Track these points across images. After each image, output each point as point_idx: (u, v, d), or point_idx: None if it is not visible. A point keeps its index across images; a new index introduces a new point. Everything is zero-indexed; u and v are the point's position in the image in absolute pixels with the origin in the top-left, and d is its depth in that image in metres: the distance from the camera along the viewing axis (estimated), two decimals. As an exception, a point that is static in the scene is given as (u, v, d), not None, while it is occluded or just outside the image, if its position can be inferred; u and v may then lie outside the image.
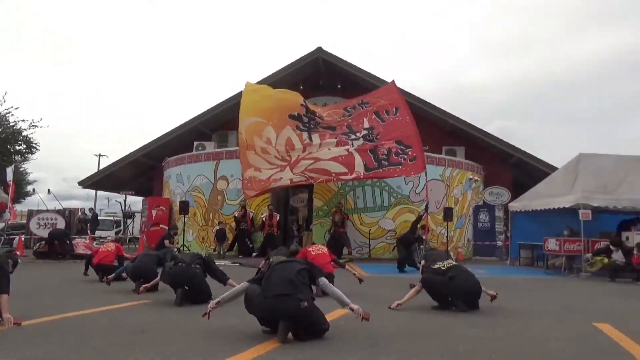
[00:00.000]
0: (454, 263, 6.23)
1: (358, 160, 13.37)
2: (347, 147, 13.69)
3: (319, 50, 19.69)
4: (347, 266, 7.75)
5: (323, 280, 4.39)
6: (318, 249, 7.46)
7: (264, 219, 15.37)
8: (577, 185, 11.58)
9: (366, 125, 14.46)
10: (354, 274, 7.19)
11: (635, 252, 10.18)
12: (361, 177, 13.54)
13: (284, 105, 15.07)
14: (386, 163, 13.35)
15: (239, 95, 20.07)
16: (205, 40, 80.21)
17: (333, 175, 13.38)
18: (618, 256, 10.47)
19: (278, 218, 15.52)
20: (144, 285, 6.84)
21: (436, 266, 6.12)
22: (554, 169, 15.93)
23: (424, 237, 12.53)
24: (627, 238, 11.40)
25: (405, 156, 13.47)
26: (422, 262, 7.61)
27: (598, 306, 6.70)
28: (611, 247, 10.66)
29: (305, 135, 14.35)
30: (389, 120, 14.46)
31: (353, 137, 14.08)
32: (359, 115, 14.83)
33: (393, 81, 16.04)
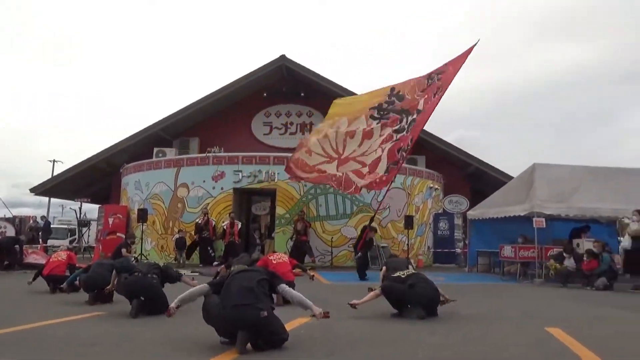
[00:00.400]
0: (413, 271, 6.32)
1: (383, 162, 11.59)
2: (383, 145, 11.69)
3: (283, 58, 19.71)
4: (308, 270, 7.77)
5: (283, 286, 4.36)
6: (279, 258, 7.41)
7: (225, 227, 15.16)
8: (532, 194, 11.97)
9: (420, 106, 11.56)
10: (313, 276, 7.28)
11: (585, 258, 10.60)
12: (372, 185, 11.86)
13: (371, 102, 12.67)
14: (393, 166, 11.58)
15: (200, 102, 19.94)
16: (168, 45, 79.05)
17: (358, 187, 11.87)
18: (570, 263, 10.87)
19: (240, 226, 15.36)
20: (106, 288, 6.62)
21: (396, 274, 6.19)
22: (510, 178, 16.44)
23: (372, 237, 12.59)
24: (578, 245, 11.86)
25: (405, 154, 11.60)
26: (382, 269, 7.69)
27: (552, 311, 6.91)
28: (564, 253, 11.07)
29: (374, 124, 12.15)
30: (431, 104, 11.41)
31: (402, 124, 11.70)
32: (429, 91, 11.62)
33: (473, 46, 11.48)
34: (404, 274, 6.13)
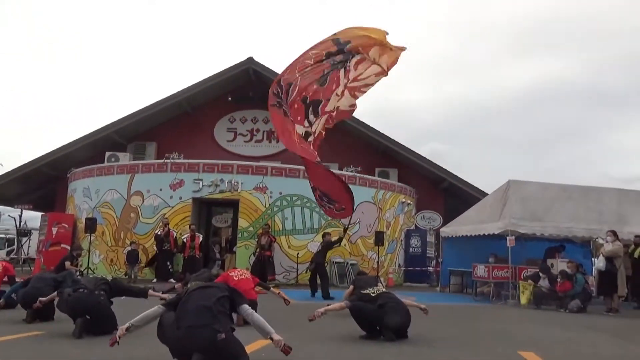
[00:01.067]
0: (383, 290, 6.35)
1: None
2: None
3: (250, 60, 19.70)
4: (272, 288, 7.68)
5: (244, 307, 4.29)
6: (241, 274, 7.32)
7: (185, 240, 14.91)
8: (506, 211, 12.25)
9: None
10: (279, 294, 7.18)
11: (559, 279, 10.90)
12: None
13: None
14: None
15: (159, 104, 19.67)
16: (125, 41, 77.68)
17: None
18: (544, 283, 11.16)
19: (201, 239, 15.12)
20: (40, 299, 6.36)
21: (366, 291, 6.20)
22: (484, 194, 16.80)
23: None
24: (552, 265, 12.18)
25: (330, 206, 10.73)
26: (350, 287, 7.72)
27: (526, 334, 7.07)
28: (540, 274, 11.35)
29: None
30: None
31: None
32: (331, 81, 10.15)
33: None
34: (373, 292, 6.15)
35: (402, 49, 10.28)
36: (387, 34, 10.06)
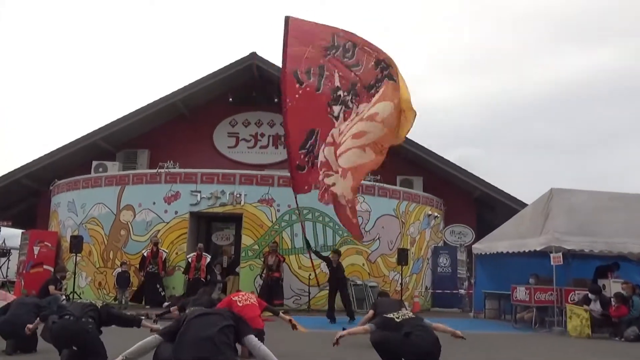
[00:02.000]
0: (410, 315, 6.28)
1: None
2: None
3: (253, 55, 19.79)
4: (281, 313, 7.65)
5: (251, 339, 4.27)
6: (246, 299, 7.30)
7: (190, 259, 14.89)
8: (549, 225, 12.12)
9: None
10: (290, 321, 7.15)
11: (613, 303, 10.72)
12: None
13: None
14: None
15: (151, 107, 19.82)
16: (115, 39, 78.56)
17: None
18: (596, 307, 10.98)
19: (208, 260, 15.05)
20: (28, 326, 6.38)
21: (389, 316, 6.11)
22: (523, 205, 16.65)
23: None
24: (604, 286, 12.01)
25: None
26: (370, 312, 7.67)
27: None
28: (589, 295, 11.17)
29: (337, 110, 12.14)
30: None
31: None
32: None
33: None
34: (398, 317, 6.07)
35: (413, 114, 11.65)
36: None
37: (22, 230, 19.53)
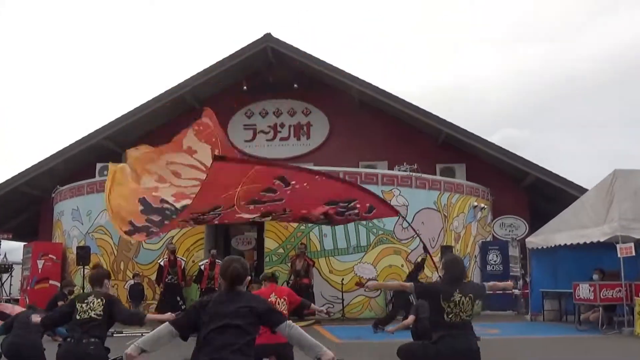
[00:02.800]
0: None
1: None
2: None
3: (268, 37, 19.82)
4: (312, 305, 7.64)
5: (282, 328, 4.22)
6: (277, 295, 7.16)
7: (202, 267, 15.02)
8: (613, 211, 11.89)
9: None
10: (320, 309, 7.28)
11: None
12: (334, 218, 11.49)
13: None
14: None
15: (159, 100, 20.03)
16: (116, 30, 79.53)
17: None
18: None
19: None
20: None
21: (443, 305, 5.93)
22: (582, 190, 16.38)
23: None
24: (681, 280, 11.73)
25: (356, 210, 10.91)
26: (411, 317, 7.64)
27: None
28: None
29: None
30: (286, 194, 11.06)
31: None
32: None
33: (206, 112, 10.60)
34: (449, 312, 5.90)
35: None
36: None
37: (24, 243, 19.90)
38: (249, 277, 4.18)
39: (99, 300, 5.45)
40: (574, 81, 62.55)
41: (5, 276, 21.08)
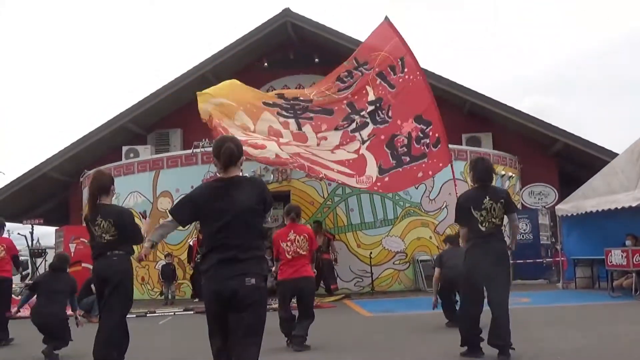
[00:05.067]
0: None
1: (371, 162, 13.03)
2: (356, 146, 13.29)
3: (287, 12, 19.72)
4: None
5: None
6: (295, 249, 6.97)
7: (192, 243, 15.12)
8: (645, 175, 11.74)
9: (371, 96, 13.95)
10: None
11: None
12: (373, 187, 13.07)
13: (253, 95, 14.71)
14: (407, 158, 12.98)
15: (180, 80, 20.12)
16: (133, 16, 79.89)
17: (335, 171, 12.79)
18: None
19: None
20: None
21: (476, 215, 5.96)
22: (613, 155, 16.15)
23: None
24: None
25: (427, 140, 13.13)
26: (437, 270, 8.18)
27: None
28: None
29: (292, 123, 13.89)
30: (398, 82, 13.82)
31: (358, 121, 13.68)
32: (361, 85, 14.26)
33: (386, 18, 14.58)
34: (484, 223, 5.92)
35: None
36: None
37: (56, 228, 20.32)
38: (244, 158, 4.08)
39: (108, 222, 5.60)
40: (604, 43, 61.10)
41: (39, 260, 21.59)
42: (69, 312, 7.46)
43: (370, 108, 13.74)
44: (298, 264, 6.95)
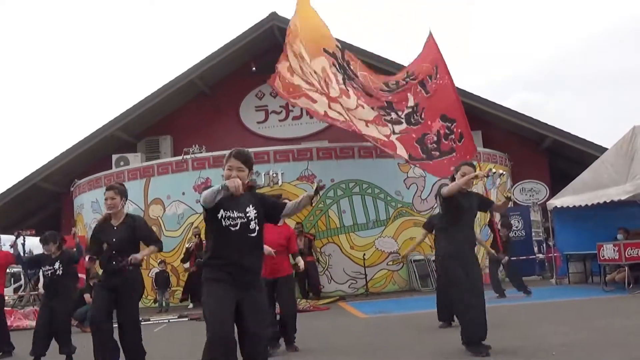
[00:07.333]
0: None
1: (400, 150, 14.20)
2: (387, 132, 14.38)
3: (273, 16, 19.72)
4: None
5: (286, 207, 4.47)
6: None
7: (191, 248, 14.86)
8: (635, 168, 11.76)
9: (411, 102, 15.27)
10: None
11: None
12: (409, 162, 14.54)
13: (322, 34, 15.89)
14: (437, 153, 14.20)
15: (169, 87, 20.05)
16: (123, 21, 79.52)
17: (378, 141, 14.08)
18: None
19: None
20: None
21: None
22: (602, 150, 16.22)
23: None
24: None
25: (453, 135, 14.33)
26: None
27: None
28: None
29: (340, 77, 14.86)
30: (432, 88, 15.30)
31: (393, 117, 14.85)
32: (403, 92, 15.57)
33: (430, 34, 16.12)
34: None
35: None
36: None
37: (48, 238, 20.20)
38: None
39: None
40: (592, 38, 61.32)
41: (32, 272, 21.44)
42: None
43: (407, 111, 15.11)
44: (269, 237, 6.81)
